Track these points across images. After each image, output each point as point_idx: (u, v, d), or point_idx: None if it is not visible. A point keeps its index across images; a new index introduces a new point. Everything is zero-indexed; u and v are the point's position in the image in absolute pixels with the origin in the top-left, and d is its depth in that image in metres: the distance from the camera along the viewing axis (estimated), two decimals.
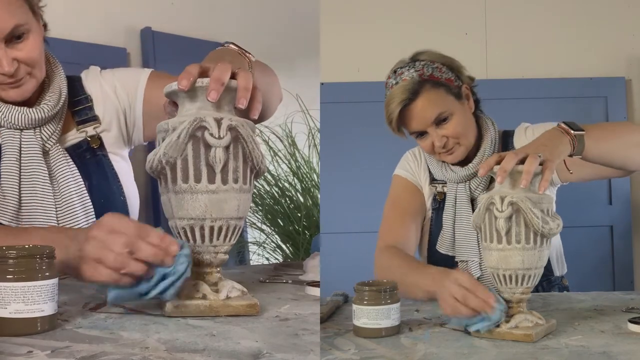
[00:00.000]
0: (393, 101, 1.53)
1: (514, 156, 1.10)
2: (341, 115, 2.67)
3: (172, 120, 1.03)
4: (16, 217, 1.30)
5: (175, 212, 1.03)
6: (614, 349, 0.96)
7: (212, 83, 1.00)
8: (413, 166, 1.72)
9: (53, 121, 1.38)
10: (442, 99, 1.53)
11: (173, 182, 1.02)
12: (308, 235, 2.91)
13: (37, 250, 0.91)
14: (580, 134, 1.24)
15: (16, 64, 1.29)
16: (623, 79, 2.69)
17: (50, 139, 1.37)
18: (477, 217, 1.11)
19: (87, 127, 1.44)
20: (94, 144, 1.43)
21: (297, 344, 0.87)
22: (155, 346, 0.84)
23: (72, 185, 1.36)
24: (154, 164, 1.02)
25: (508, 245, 1.08)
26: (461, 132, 1.55)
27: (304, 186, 3.02)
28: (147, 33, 2.88)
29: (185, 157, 1.01)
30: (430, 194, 1.68)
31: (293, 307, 1.10)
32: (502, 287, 1.11)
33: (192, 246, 1.03)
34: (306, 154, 3.06)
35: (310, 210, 2.96)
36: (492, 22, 2.73)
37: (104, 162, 1.44)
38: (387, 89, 1.58)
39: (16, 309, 0.87)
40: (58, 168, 1.36)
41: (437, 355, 0.96)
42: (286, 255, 3.04)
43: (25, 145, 1.34)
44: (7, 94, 1.32)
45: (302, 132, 3.01)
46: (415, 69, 1.54)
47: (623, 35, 2.71)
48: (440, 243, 1.61)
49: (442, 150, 1.56)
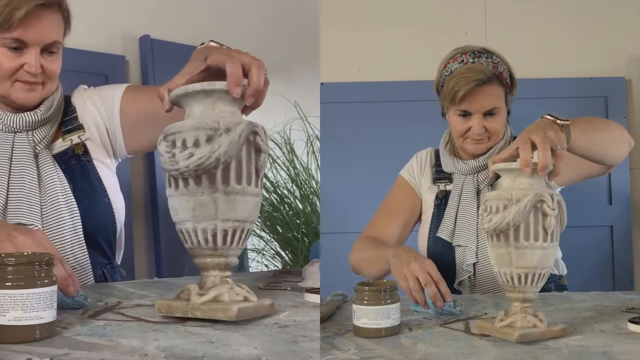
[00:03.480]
0: (467, 76, 1.62)
1: (527, 147, 1.11)
2: (341, 115, 2.67)
3: (223, 121, 1.01)
4: (2, 212, 1.40)
5: (220, 214, 1.01)
6: (614, 349, 0.96)
7: (251, 89, 1.03)
8: (416, 170, 1.83)
9: (45, 126, 1.50)
10: (499, 96, 1.66)
11: (224, 183, 1.01)
12: (307, 242, 2.90)
13: (36, 258, 0.91)
14: (566, 123, 1.24)
15: (41, 69, 1.44)
16: (623, 79, 2.69)
17: (41, 143, 1.48)
18: (520, 215, 1.06)
19: (72, 136, 1.55)
20: (78, 151, 1.54)
21: (296, 351, 0.87)
22: (154, 353, 0.84)
23: (58, 186, 1.45)
24: (207, 161, 0.99)
25: (551, 243, 1.08)
26: (499, 131, 1.68)
27: (303, 193, 3.02)
28: (146, 41, 2.88)
29: (239, 158, 1.01)
30: (433, 192, 1.77)
31: (292, 314, 1.10)
32: (528, 287, 1.08)
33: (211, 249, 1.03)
34: (305, 160, 3.06)
35: (309, 217, 2.96)
36: (492, 22, 2.73)
37: (88, 167, 1.54)
38: (457, 62, 1.67)
39: (15, 317, 0.87)
40: (45, 171, 1.45)
41: (437, 355, 0.96)
42: (285, 262, 3.03)
43: (18, 146, 1.45)
44: (19, 94, 1.45)
45: (300, 139, 3.01)
46: (492, 61, 1.66)
47: (623, 35, 2.71)
48: (441, 229, 1.69)
49: (475, 137, 1.66)
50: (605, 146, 1.46)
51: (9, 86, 1.45)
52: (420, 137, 2.01)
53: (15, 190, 1.41)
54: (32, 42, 1.41)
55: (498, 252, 1.10)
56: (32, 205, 1.41)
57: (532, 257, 1.07)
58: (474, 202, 1.65)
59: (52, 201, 1.43)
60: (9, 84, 1.44)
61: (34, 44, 1.42)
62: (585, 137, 1.34)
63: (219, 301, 1.01)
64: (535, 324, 1.06)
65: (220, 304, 1.00)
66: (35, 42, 1.42)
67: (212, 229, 1.01)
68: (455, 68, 1.66)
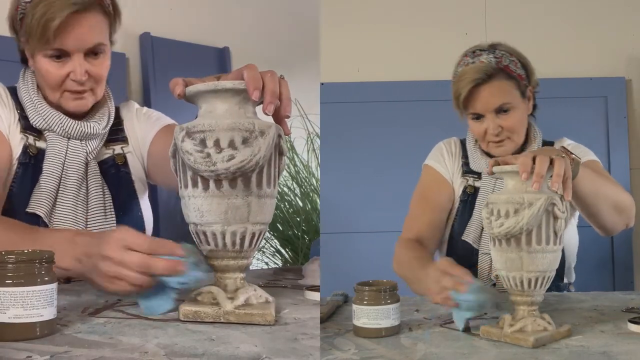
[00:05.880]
0: (465, 78, 1.57)
1: (529, 154, 1.10)
2: (341, 115, 2.67)
3: (257, 123, 1.00)
4: (50, 212, 1.41)
5: (252, 217, 1.01)
6: (614, 349, 0.96)
7: (269, 96, 1.01)
8: (446, 157, 1.74)
9: (97, 138, 1.50)
10: (509, 91, 1.58)
11: (258, 186, 1.00)
12: (307, 239, 2.90)
13: (36, 255, 0.91)
14: (577, 159, 1.24)
15: (87, 75, 1.43)
16: (623, 79, 2.69)
17: (92, 153, 1.50)
18: (534, 219, 1.04)
19: (115, 145, 1.56)
20: (119, 161, 1.55)
21: (296, 349, 0.87)
22: (155, 351, 0.84)
23: (101, 197, 1.47)
24: (248, 165, 0.97)
25: (560, 246, 1.08)
26: (516, 127, 1.60)
27: (303, 191, 3.02)
28: (146, 38, 2.88)
29: (270, 162, 1.01)
30: (461, 185, 1.69)
31: (292, 311, 1.10)
32: (537, 290, 1.08)
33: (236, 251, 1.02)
34: (305, 158, 3.06)
35: (310, 214, 2.96)
36: (492, 22, 2.73)
37: (125, 179, 1.55)
38: (460, 66, 1.62)
39: (15, 314, 0.87)
40: (92, 180, 1.47)
41: (437, 355, 0.96)
42: (285, 259, 3.03)
43: (71, 153, 1.47)
44: (69, 104, 1.46)
45: (301, 136, 3.01)
46: (494, 55, 1.59)
47: (623, 35, 2.71)
48: (467, 233, 1.61)
49: (494, 139, 1.60)
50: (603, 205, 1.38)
51: (59, 96, 1.45)
52: (420, 137, 2.01)
53: (65, 196, 1.43)
54: (73, 49, 1.40)
55: (508, 257, 1.07)
56: (77, 214, 1.43)
57: (543, 261, 1.06)
58: None
59: (95, 212, 1.45)
60: (59, 94, 1.45)
61: (76, 50, 1.41)
62: (589, 183, 1.30)
63: (249, 304, 1.01)
64: (546, 327, 1.05)
65: (254, 308, 1.00)
66: (76, 49, 1.40)
67: (242, 232, 1.01)
68: (458, 72, 1.62)
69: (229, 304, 0.99)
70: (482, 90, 1.57)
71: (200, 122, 1.00)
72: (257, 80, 1.00)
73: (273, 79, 1.03)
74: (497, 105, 1.57)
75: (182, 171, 1.03)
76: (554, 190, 1.07)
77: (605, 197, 1.37)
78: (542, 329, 1.05)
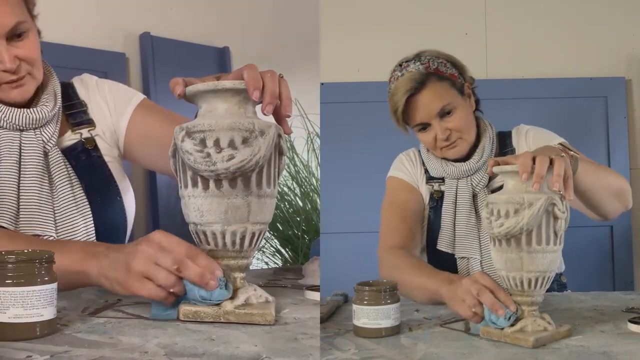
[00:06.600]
0: (399, 91, 1.55)
1: (529, 155, 1.10)
2: (341, 115, 2.67)
3: (257, 123, 1.00)
4: (15, 219, 1.30)
5: (252, 217, 1.01)
6: (614, 349, 0.96)
7: (268, 97, 1.01)
8: (408, 167, 1.72)
9: (51, 123, 1.39)
10: (446, 92, 1.56)
11: (258, 186, 1.00)
12: (307, 239, 2.90)
13: (36, 255, 0.91)
14: (576, 156, 1.23)
15: (17, 61, 1.30)
16: (623, 79, 2.69)
17: (50, 141, 1.38)
18: (534, 219, 1.04)
19: (82, 129, 1.46)
20: (88, 145, 1.45)
21: (296, 348, 0.87)
22: (155, 351, 0.84)
23: (69, 188, 1.36)
24: (248, 164, 0.98)
25: (560, 246, 1.08)
26: (464, 126, 1.57)
27: (303, 190, 3.02)
28: (146, 38, 2.88)
29: (269, 162, 1.01)
30: (427, 193, 1.67)
31: (292, 311, 1.10)
32: (537, 290, 1.08)
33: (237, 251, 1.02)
34: (305, 158, 3.06)
35: (310, 214, 2.96)
36: (492, 22, 2.73)
37: (99, 163, 1.45)
38: (392, 82, 1.60)
39: (15, 314, 0.87)
40: (56, 170, 1.36)
41: (437, 355, 0.96)
42: (285, 259, 3.03)
43: (26, 146, 1.34)
44: (8, 94, 1.33)
45: (301, 136, 3.01)
46: (421, 62, 1.57)
47: (623, 35, 2.71)
48: (440, 241, 1.60)
49: (444, 144, 1.58)
50: (605, 196, 1.39)
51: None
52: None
53: (27, 197, 1.31)
54: None
55: (508, 257, 1.07)
56: (45, 214, 1.32)
57: (543, 261, 1.06)
58: (472, 208, 1.57)
59: (65, 206, 1.35)
60: None
61: None
62: (588, 177, 1.30)
63: (249, 304, 1.01)
64: (546, 327, 1.05)
65: (254, 307, 1.00)
66: None
67: (242, 231, 1.01)
68: (391, 88, 1.60)
69: (229, 303, 1.00)
70: (419, 99, 1.55)
71: (200, 122, 1.00)
72: (257, 80, 1.00)
73: (273, 78, 1.02)
74: (439, 109, 1.55)
75: (182, 171, 1.03)
76: (555, 190, 1.07)
77: (605, 187, 1.38)
78: (542, 329, 1.05)
